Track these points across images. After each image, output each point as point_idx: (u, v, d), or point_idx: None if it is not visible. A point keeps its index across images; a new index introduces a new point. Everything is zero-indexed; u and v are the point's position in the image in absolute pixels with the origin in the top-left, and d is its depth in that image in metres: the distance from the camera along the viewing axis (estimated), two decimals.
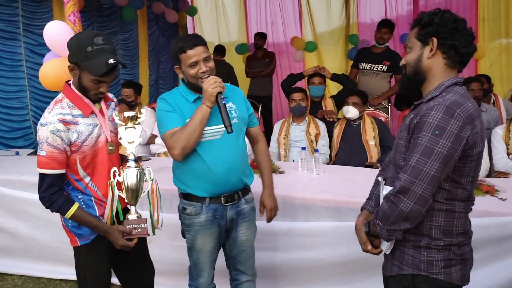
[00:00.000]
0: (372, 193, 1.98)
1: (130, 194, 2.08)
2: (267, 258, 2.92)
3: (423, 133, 1.53)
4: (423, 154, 1.52)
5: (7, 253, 3.56)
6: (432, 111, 1.53)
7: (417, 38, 1.68)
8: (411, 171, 1.54)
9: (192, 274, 2.40)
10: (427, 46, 1.65)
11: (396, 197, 1.57)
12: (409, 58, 1.71)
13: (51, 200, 2.02)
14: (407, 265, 1.70)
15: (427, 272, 1.66)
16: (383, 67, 5.21)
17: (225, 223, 2.30)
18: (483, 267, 2.51)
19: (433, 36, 1.63)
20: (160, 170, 3.37)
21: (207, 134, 2.16)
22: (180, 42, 2.15)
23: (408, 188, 1.54)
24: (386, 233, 1.64)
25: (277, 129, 4.32)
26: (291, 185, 3.09)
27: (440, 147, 1.50)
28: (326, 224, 2.82)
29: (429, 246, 1.65)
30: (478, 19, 6.54)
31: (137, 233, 2.10)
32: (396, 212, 1.58)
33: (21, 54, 4.75)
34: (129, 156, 2.09)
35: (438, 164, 1.51)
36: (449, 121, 1.50)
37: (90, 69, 1.97)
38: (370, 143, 3.91)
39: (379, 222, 1.65)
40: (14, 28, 4.65)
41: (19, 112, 4.82)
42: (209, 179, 2.20)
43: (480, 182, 2.89)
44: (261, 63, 6.92)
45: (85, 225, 2.08)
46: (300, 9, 7.96)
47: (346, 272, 2.85)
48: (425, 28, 1.64)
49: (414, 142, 1.57)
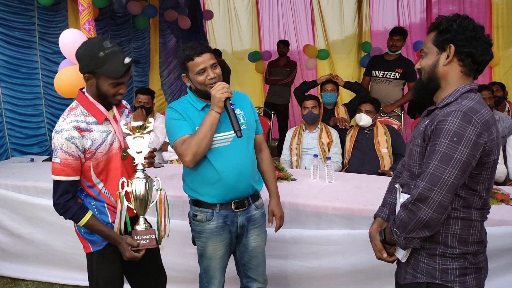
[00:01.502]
0: (386, 200, 1.96)
1: (138, 204, 2.08)
2: (279, 266, 2.91)
3: (441, 139, 1.51)
4: (441, 161, 1.50)
5: (21, 259, 3.59)
6: (450, 117, 1.51)
7: (434, 44, 1.65)
8: (429, 179, 1.52)
9: (202, 281, 2.40)
10: (444, 52, 1.63)
11: (414, 205, 1.55)
12: (424, 63, 1.69)
13: (66, 207, 2.03)
14: (421, 273, 1.68)
15: (442, 281, 1.63)
16: (396, 75, 5.19)
17: (236, 229, 2.30)
18: (499, 276, 2.47)
19: (451, 43, 1.60)
20: (173, 177, 3.39)
21: (216, 141, 2.16)
22: (187, 50, 2.16)
23: (427, 196, 1.52)
24: (404, 242, 1.62)
25: (290, 136, 4.32)
26: (303, 192, 3.08)
27: (459, 154, 1.48)
28: (338, 232, 2.80)
29: (444, 255, 1.63)
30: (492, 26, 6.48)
31: (145, 245, 2.10)
32: (415, 220, 1.55)
33: (37, 62, 4.81)
34: (137, 166, 2.10)
35: (457, 171, 1.49)
36: (466, 127, 1.48)
37: (109, 73, 1.99)
38: (383, 151, 3.89)
39: (396, 230, 1.64)
40: (30, 36, 4.72)
41: (34, 119, 4.87)
42: (220, 186, 2.20)
43: (495, 191, 2.85)
44: (282, 71, 6.84)
45: (97, 233, 2.09)
46: (313, 17, 7.97)
47: (358, 281, 2.83)
48: (443, 34, 1.61)
49: (432, 149, 1.54)
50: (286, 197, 2.93)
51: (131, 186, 2.05)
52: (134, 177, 2.07)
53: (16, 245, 3.55)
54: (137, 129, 2.08)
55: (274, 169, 2.54)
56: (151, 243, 2.11)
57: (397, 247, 1.75)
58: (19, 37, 4.60)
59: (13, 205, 3.46)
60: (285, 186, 3.20)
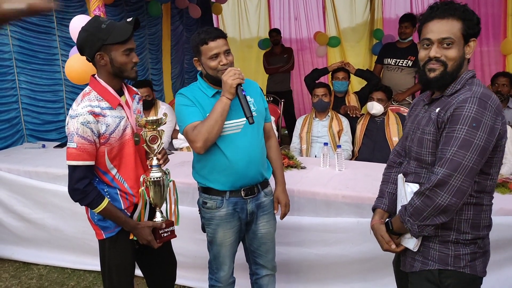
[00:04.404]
0: (384, 191, 1.95)
1: (157, 198, 2.14)
2: (288, 253, 2.92)
3: (459, 126, 1.53)
4: (461, 147, 1.52)
5: (33, 243, 3.65)
6: (467, 104, 1.54)
7: (462, 34, 1.62)
8: (450, 164, 1.53)
9: (212, 268, 2.41)
10: (468, 43, 1.64)
11: (432, 191, 1.56)
12: (455, 54, 1.63)
13: (85, 192, 2.00)
14: (433, 260, 1.68)
15: (454, 267, 1.65)
16: (408, 62, 5.13)
17: (246, 216, 2.30)
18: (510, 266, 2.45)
19: (475, 37, 1.64)
20: (183, 164, 3.40)
21: (227, 128, 2.16)
22: (202, 34, 2.15)
23: (446, 182, 1.53)
24: (418, 230, 1.63)
25: (300, 124, 4.30)
26: (313, 180, 3.07)
27: (478, 139, 1.52)
28: (347, 220, 2.79)
29: (457, 241, 1.65)
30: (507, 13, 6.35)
31: (166, 237, 2.18)
32: (431, 206, 1.57)
33: (56, 48, 4.79)
34: (153, 161, 2.12)
35: (477, 156, 1.52)
36: (483, 113, 1.52)
37: (119, 37, 1.98)
38: (394, 139, 3.86)
39: (409, 219, 1.64)
40: (48, 22, 4.68)
41: (53, 105, 4.85)
42: (230, 173, 2.20)
43: (507, 180, 2.82)
44: (281, 59, 6.94)
45: (113, 220, 2.10)
46: (324, 4, 7.88)
47: (367, 269, 2.83)
48: (471, 28, 1.62)
49: (450, 136, 1.56)
50: (296, 185, 2.93)
51: (149, 182, 2.09)
52: (151, 173, 2.10)
53: (28, 230, 3.59)
54: (151, 125, 2.08)
55: (281, 156, 2.54)
56: (172, 235, 2.22)
57: (404, 237, 1.75)
58: (37, 23, 4.57)
59: (25, 191, 3.50)
60: (295, 174, 3.20)
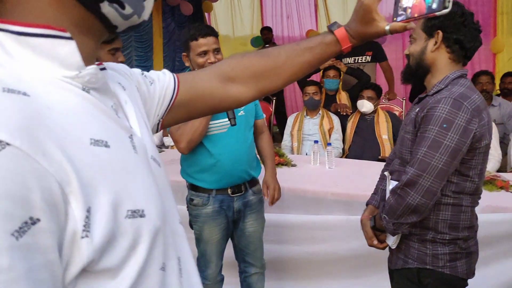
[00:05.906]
0: (378, 187, 1.97)
1: None
2: (277, 251, 2.91)
3: (431, 126, 1.51)
4: (430, 147, 1.51)
5: None
6: (440, 104, 1.51)
7: (422, 30, 1.65)
8: (418, 165, 1.52)
9: (200, 265, 2.40)
10: (432, 38, 1.63)
11: (403, 190, 1.56)
12: (413, 49, 1.69)
13: None
14: (412, 259, 1.68)
15: (433, 266, 1.65)
16: (366, 58, 5.14)
17: (232, 214, 2.30)
18: (496, 263, 2.46)
19: (439, 29, 1.60)
20: (173, 162, 3.38)
21: (212, 128, 2.15)
22: (193, 29, 2.14)
23: (415, 181, 1.52)
24: (393, 227, 1.63)
25: (291, 122, 4.31)
26: (303, 178, 3.07)
27: (448, 140, 1.49)
28: (337, 218, 2.79)
29: (434, 240, 1.64)
30: (497, 12, 6.38)
31: None
32: (403, 205, 1.56)
33: None
34: None
35: (446, 157, 1.49)
36: (456, 114, 1.49)
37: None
38: (384, 137, 3.88)
39: (385, 216, 1.64)
40: None
41: None
42: (216, 172, 2.19)
43: (495, 177, 2.84)
44: None
45: None
46: (316, 2, 7.89)
47: (357, 266, 2.83)
48: (431, 20, 1.60)
49: (421, 136, 1.55)
50: (286, 182, 2.92)
51: None
52: None
53: None
54: None
55: (273, 147, 2.53)
56: None
57: (388, 234, 1.76)
58: None
59: None
60: (285, 171, 3.20)
